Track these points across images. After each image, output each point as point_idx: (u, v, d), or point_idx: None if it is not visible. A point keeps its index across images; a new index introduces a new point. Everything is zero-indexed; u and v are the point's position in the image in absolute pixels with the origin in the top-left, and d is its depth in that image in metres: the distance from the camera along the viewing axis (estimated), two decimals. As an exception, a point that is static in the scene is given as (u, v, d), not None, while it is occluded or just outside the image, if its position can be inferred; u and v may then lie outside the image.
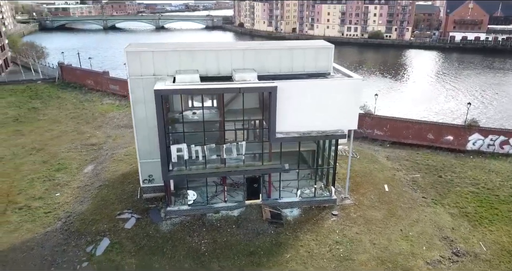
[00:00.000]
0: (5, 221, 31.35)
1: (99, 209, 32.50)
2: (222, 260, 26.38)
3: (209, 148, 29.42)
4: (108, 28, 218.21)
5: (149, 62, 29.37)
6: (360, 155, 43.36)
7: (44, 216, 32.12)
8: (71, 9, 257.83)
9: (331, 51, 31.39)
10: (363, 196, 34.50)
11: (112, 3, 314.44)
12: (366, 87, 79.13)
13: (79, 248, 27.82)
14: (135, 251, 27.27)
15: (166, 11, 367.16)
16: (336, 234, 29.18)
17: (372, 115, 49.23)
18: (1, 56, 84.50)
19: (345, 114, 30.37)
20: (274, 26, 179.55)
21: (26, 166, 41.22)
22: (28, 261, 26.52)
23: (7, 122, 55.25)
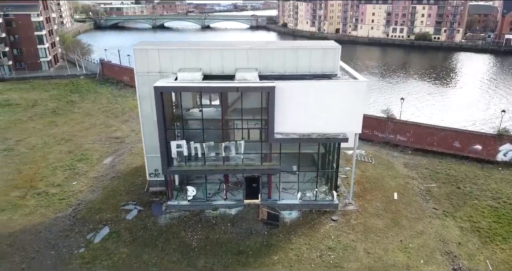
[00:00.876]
0: (24, 205, 33.76)
1: (106, 199, 34.07)
2: (210, 256, 26.67)
3: (208, 146, 29.82)
4: (156, 27, 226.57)
5: (155, 59, 30.30)
6: (376, 160, 41.81)
7: (58, 202, 34.20)
8: (124, 8, 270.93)
9: (338, 52, 30.57)
10: (369, 202, 33.27)
11: (163, 3, 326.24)
12: (398, 91, 76.43)
13: (80, 234, 29.36)
14: (129, 241, 28.31)
15: (214, 11, 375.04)
16: (331, 239, 28.43)
17: (394, 119, 47.25)
18: (51, 52, 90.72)
19: (348, 117, 29.48)
20: (317, 27, 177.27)
21: (52, 155, 44.07)
22: (33, 243, 28.40)
23: (45, 113, 59.35)
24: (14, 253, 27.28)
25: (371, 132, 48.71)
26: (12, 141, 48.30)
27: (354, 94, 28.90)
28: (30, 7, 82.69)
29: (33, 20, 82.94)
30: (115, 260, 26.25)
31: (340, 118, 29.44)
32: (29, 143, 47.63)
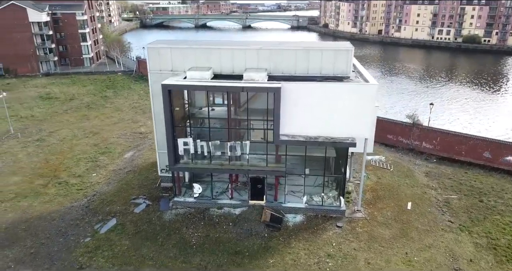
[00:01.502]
0: (44, 193, 35.73)
1: (119, 192, 35.26)
2: (206, 255, 26.82)
3: (214, 144, 30.01)
4: (199, 26, 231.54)
5: (167, 58, 30.92)
6: (395, 167, 40.08)
7: (75, 192, 35.87)
8: (170, 8, 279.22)
9: (350, 53, 29.62)
10: (379, 211, 31.97)
11: (208, 3, 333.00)
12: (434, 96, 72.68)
13: (89, 224, 30.60)
14: (132, 234, 29.11)
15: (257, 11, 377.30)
16: (332, 247, 27.61)
17: (420, 126, 45.06)
18: (93, 49, 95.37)
19: (356, 121, 28.49)
20: (358, 28, 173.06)
21: (79, 147, 46.30)
22: (45, 229, 29.97)
23: (80, 107, 62.49)
24: (26, 238, 28.94)
25: (396, 138, 46.83)
26: (45, 132, 51.29)
27: (363, 97, 27.87)
28: (76, 7, 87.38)
29: (77, 18, 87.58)
30: (115, 252, 27.09)
31: (348, 122, 28.52)
32: (60, 134, 50.34)
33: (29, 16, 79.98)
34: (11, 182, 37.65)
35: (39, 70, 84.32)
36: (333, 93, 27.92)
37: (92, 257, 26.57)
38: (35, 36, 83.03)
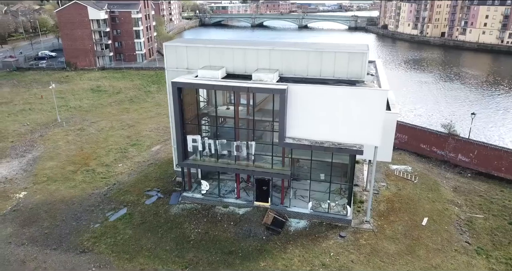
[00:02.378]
0: (72, 179, 38.38)
1: (137, 183, 36.86)
2: (200, 251, 27.18)
3: (221, 143, 30.27)
4: (255, 25, 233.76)
5: (183, 56, 31.69)
6: (421, 179, 37.59)
7: (99, 180, 38.10)
8: (229, 7, 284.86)
9: (365, 57, 28.22)
10: (390, 224, 30.23)
11: (267, 3, 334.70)
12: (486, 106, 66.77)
13: (102, 211, 32.36)
14: (138, 224, 30.31)
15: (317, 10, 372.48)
16: (329, 256, 26.63)
17: (456, 136, 41.80)
18: (147, 46, 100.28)
19: (365, 128, 27.15)
20: (419, 29, 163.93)
21: (113, 138, 49.06)
22: (63, 213, 32.20)
23: (123, 101, 66.14)
24: (45, 219, 31.31)
25: (429, 149, 43.93)
26: (87, 122, 55.00)
27: (372, 103, 26.45)
28: (132, 5, 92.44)
29: (133, 16, 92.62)
30: (117, 239, 28.40)
31: (356, 129, 27.28)
32: (100, 125, 53.69)
33: (89, 14, 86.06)
34: (47, 167, 40.91)
35: (95, 64, 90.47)
36: (340, 98, 26.86)
37: (95, 243, 28.10)
38: (94, 33, 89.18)
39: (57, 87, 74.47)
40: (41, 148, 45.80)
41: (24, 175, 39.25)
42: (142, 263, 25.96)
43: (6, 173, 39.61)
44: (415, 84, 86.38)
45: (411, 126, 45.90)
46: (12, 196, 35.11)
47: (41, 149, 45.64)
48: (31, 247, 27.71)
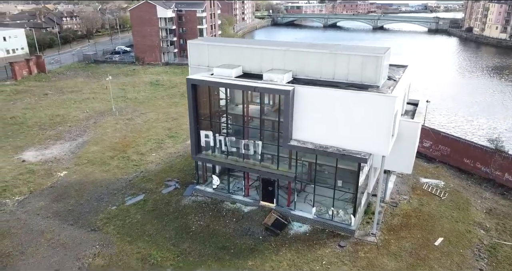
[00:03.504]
0: (107, 163, 41.80)
1: (160, 173, 39.02)
2: (195, 243, 28.07)
3: (230, 140, 30.87)
4: (327, 26, 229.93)
5: (204, 54, 32.78)
6: (451, 196, 34.52)
7: (130, 167, 41.00)
8: (303, 7, 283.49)
9: (380, 60, 26.71)
10: (398, 239, 28.36)
11: (344, 3, 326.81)
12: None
13: (123, 195, 34.86)
14: (148, 211, 32.18)
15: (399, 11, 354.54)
16: (320, 264, 25.85)
17: (504, 153, 37.54)
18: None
19: (370, 135, 25.81)
20: (508, 33, 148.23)
21: (155, 129, 52.25)
22: (90, 193, 35.30)
23: (175, 95, 69.88)
24: (73, 197, 34.64)
25: (473, 164, 40.05)
26: (137, 113, 59.20)
27: (378, 110, 25.03)
28: (198, 5, 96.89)
29: (197, 15, 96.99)
30: (125, 223, 30.47)
31: (361, 135, 26.06)
32: (147, 116, 57.47)
33: (158, 12, 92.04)
34: (90, 150, 45.04)
35: (161, 60, 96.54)
36: (343, 102, 25.85)
37: (106, 223, 30.47)
38: (161, 30, 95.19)
39: (122, 80, 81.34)
40: (91, 134, 50.44)
41: (70, 156, 43.64)
42: (139, 246, 27.61)
43: (56, 153, 44.38)
44: (487, 94, 78.72)
45: (454, 138, 42.18)
46: (54, 174, 39.33)
47: (91, 134, 50.26)
48: (53, 220, 30.94)
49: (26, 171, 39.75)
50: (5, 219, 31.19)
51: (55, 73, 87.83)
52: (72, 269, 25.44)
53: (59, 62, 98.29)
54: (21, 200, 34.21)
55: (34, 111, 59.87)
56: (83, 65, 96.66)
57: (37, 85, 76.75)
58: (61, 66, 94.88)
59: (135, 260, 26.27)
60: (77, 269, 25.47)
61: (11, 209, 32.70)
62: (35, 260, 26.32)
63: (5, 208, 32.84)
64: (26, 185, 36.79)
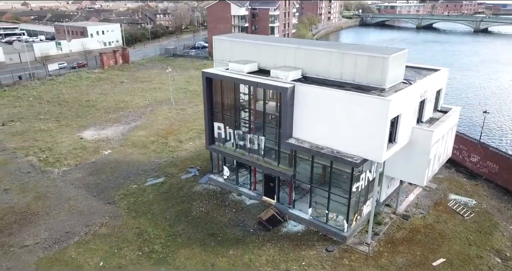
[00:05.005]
0: (147, 147, 45.66)
1: (187, 160, 41.51)
2: (189, 226, 29.63)
3: (237, 134, 31.80)
4: (421, 27, 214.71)
5: (226, 49, 34.06)
6: (477, 217, 30.98)
7: (165, 152, 44.26)
8: (398, 7, 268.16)
9: (386, 61, 25.18)
10: (393, 253, 26.60)
11: (447, 2, 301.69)
12: None
13: (147, 176, 38.00)
14: (161, 192, 34.68)
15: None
16: (298, 265, 25.53)
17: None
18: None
19: (365, 140, 24.63)
20: None
21: (201, 120, 54.95)
22: (121, 171, 39.10)
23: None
24: (106, 173, 38.74)
25: (521, 183, 35.31)
26: (191, 104, 63.01)
27: (373, 114, 23.75)
28: (271, 3, 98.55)
29: (270, 14, 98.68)
30: (137, 200, 33.31)
31: (357, 139, 24.99)
32: (198, 108, 60.69)
33: (232, 9, 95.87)
34: (137, 134, 49.56)
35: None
36: (342, 103, 24.99)
37: (121, 198, 33.68)
38: (234, 27, 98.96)
39: (191, 73, 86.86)
40: (144, 120, 55.32)
41: (119, 137, 48.57)
42: (140, 222, 30.13)
43: (109, 134, 49.73)
44: None
45: (504, 155, 37.41)
46: (100, 152, 44.29)
47: (144, 120, 55.11)
48: (81, 190, 35.17)
49: (80, 147, 45.40)
50: (47, 184, 36.33)
51: (137, 64, 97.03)
52: (79, 233, 28.89)
53: (144, 54, 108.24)
54: (66, 170, 39.37)
55: (106, 96, 67.39)
56: (163, 58, 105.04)
57: (118, 74, 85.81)
58: (144, 58, 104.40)
59: (132, 234, 28.80)
60: (84, 234, 28.84)
61: (54, 177, 37.90)
62: (54, 221, 30.42)
63: (50, 175, 38.19)
64: (75, 159, 42.13)
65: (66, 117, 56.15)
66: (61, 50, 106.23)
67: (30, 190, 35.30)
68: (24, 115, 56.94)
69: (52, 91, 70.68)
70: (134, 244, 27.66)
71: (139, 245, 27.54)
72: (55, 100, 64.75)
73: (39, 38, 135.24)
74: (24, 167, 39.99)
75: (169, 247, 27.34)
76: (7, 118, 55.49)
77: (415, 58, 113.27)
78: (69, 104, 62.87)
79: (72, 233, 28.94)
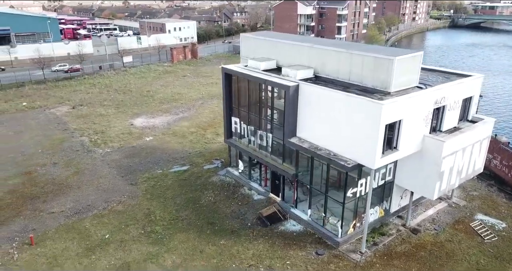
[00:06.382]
0: (185, 137, 48.44)
1: (215, 152, 43.26)
2: (193, 213, 31.14)
3: (250, 129, 32.51)
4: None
5: (251, 46, 34.78)
6: (501, 242, 27.77)
7: (200, 143, 46.57)
8: (499, 7, 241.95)
9: (392, 63, 23.83)
10: (385, 266, 25.24)
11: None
12: None
13: (174, 163, 40.51)
14: (180, 179, 36.78)
15: None
16: (281, 264, 25.49)
17: None
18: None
19: (359, 144, 23.76)
20: None
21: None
22: (154, 157, 42.13)
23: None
24: (140, 157, 42.07)
25: None
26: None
27: (367, 117, 22.77)
28: (339, 2, 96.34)
29: (337, 13, 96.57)
30: (156, 184, 35.77)
31: (352, 143, 24.21)
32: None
33: (298, 8, 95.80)
34: (180, 125, 52.76)
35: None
36: (339, 105, 24.34)
37: (144, 182, 36.48)
38: (299, 26, 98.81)
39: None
40: (191, 112, 58.55)
41: (164, 126, 52.19)
42: (151, 204, 32.48)
43: (157, 123, 53.67)
44: None
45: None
46: (143, 138, 48.15)
47: (191, 112, 58.33)
48: (113, 170, 38.84)
49: (127, 132, 49.83)
50: (87, 162, 40.77)
51: (204, 60, 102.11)
52: (98, 207, 32.16)
53: (213, 50, 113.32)
54: (108, 152, 43.66)
55: (165, 88, 72.40)
56: (229, 55, 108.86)
57: (184, 68, 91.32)
58: (212, 54, 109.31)
59: (141, 214, 31.24)
60: (102, 209, 32.03)
61: (96, 156, 42.30)
62: (81, 194, 34.22)
63: (93, 155, 42.71)
64: (119, 142, 46.45)
65: (125, 105, 61.75)
66: (140, 45, 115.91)
67: (73, 165, 39.96)
68: (92, 101, 63.91)
69: (122, 81, 77.92)
70: (140, 223, 30.02)
71: (144, 225, 29.81)
72: (121, 89, 71.39)
73: (127, 33, 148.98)
74: (75, 146, 45.24)
75: (168, 230, 29.17)
76: (78, 103, 62.79)
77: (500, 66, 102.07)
78: (131, 93, 68.90)
79: (92, 206, 32.33)
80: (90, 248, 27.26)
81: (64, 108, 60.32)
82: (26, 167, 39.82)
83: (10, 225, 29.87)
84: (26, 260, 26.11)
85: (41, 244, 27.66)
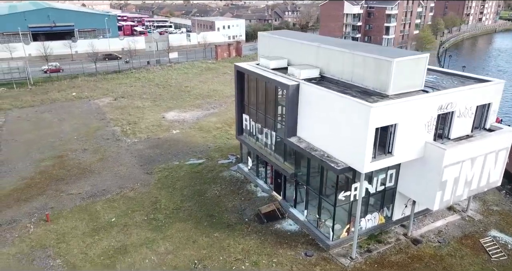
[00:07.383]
0: (209, 132, 49.78)
1: (233, 148, 44.01)
2: (196, 205, 32.13)
3: (257, 127, 32.86)
4: None
5: (267, 45, 34.96)
6: (510, 261, 25.65)
7: (222, 139, 47.69)
8: None
9: (391, 65, 22.94)
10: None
11: None
12: None
13: (191, 156, 41.94)
14: (192, 172, 38.03)
15: None
16: (267, 261, 25.65)
17: None
18: (396, 42, 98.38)
19: (350, 146, 23.24)
20: None
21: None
22: (175, 149, 43.92)
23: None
24: (162, 148, 44.03)
25: None
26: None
27: (357, 119, 22.18)
28: (388, 2, 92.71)
29: (386, 13, 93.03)
30: (169, 174, 37.29)
31: (344, 145, 23.73)
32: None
33: (345, 8, 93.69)
34: (207, 120, 54.28)
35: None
36: (336, 106, 23.90)
37: (158, 171, 38.22)
38: (345, 26, 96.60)
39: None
40: (222, 108, 59.94)
41: (193, 120, 54.06)
42: (160, 193, 34.03)
43: (187, 117, 55.72)
44: None
45: None
46: (170, 130, 50.29)
47: (222, 108, 59.72)
48: (134, 159, 41.12)
49: (157, 124, 52.31)
50: (113, 150, 43.52)
51: (248, 57, 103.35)
52: (112, 192, 34.36)
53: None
54: (135, 141, 46.24)
55: (203, 84, 74.61)
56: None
57: (226, 66, 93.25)
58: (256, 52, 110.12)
59: (148, 202, 32.90)
60: (115, 194, 34.19)
61: (123, 145, 44.98)
62: (100, 179, 36.72)
63: (120, 143, 45.47)
64: (147, 133, 48.95)
65: (161, 99, 64.70)
66: (189, 42, 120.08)
67: (100, 152, 42.89)
68: (133, 93, 67.72)
69: (165, 76, 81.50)
70: (145, 210, 31.67)
71: (148, 212, 31.40)
72: (162, 84, 74.78)
73: (181, 30, 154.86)
74: (107, 134, 48.42)
75: (169, 218, 30.48)
76: (120, 95, 66.87)
77: None
78: (171, 88, 71.92)
79: (107, 191, 34.61)
80: (96, 229, 29.30)
81: (107, 99, 64.54)
82: (60, 151, 43.44)
83: (33, 202, 32.94)
84: (39, 234, 28.72)
85: (55, 221, 30.23)
